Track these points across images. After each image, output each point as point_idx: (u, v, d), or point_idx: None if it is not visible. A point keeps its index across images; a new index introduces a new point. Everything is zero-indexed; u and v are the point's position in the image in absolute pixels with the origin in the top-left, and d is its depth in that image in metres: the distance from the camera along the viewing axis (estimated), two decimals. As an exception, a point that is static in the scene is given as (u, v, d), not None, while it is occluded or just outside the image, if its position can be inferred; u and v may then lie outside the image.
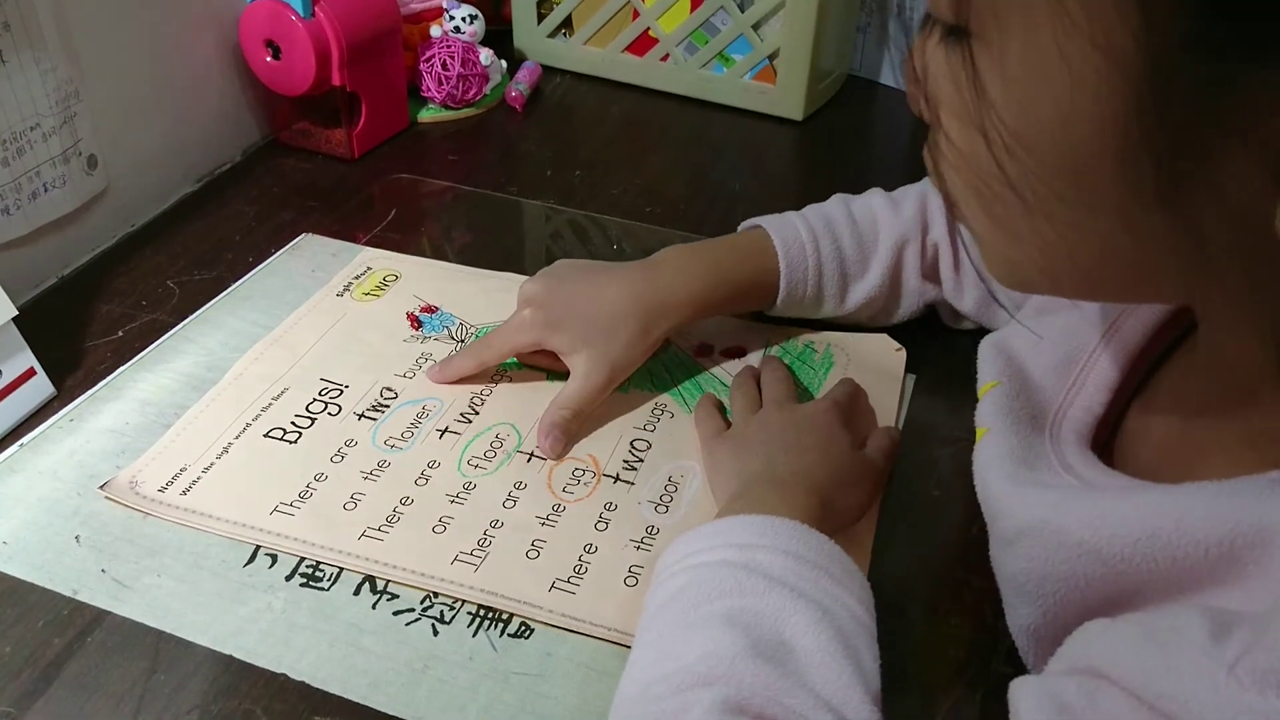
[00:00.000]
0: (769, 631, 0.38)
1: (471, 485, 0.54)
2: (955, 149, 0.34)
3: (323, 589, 0.48)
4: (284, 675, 0.45)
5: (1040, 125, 0.30)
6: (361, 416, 0.58)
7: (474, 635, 0.46)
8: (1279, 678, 0.26)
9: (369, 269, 0.71)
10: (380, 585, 0.49)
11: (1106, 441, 0.43)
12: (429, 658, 0.45)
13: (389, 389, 0.60)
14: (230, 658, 0.45)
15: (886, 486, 0.54)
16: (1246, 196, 0.27)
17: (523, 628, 0.47)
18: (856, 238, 0.61)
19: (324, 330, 0.65)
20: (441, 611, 0.47)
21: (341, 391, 0.60)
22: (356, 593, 0.48)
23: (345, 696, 0.44)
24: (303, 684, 0.44)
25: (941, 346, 0.62)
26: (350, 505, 0.53)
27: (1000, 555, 0.43)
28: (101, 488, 0.53)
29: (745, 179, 0.85)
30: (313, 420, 0.58)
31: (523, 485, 0.54)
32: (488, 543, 0.51)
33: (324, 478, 0.54)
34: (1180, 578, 0.32)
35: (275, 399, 0.59)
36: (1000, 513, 0.42)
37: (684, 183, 0.84)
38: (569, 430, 0.56)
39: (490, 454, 0.56)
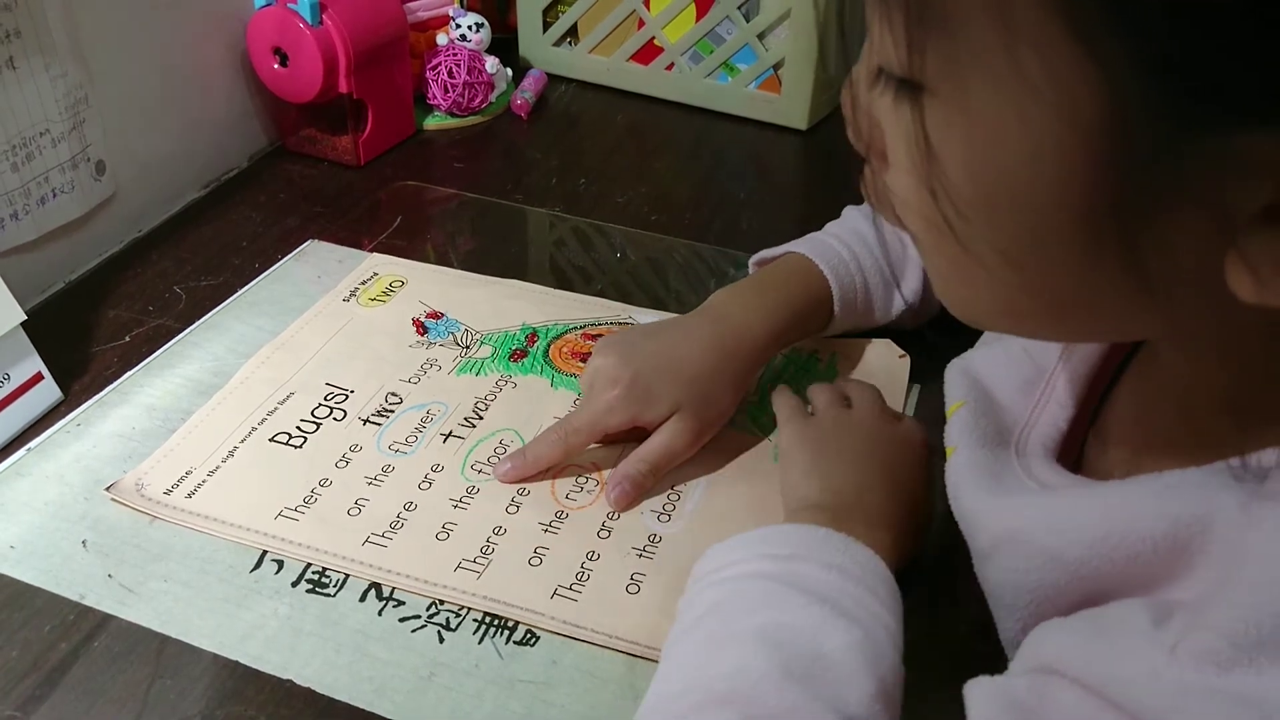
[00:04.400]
0: (804, 648, 0.37)
1: (475, 490, 0.54)
2: (902, 198, 0.33)
3: (329, 595, 0.48)
4: (289, 681, 0.45)
5: (994, 186, 0.30)
6: (366, 422, 0.58)
7: (480, 642, 0.46)
8: (1217, 656, 0.26)
9: (375, 274, 0.71)
10: (386, 592, 0.49)
11: (1078, 459, 0.44)
12: (435, 664, 0.45)
13: (394, 394, 0.60)
14: (235, 663, 0.45)
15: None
16: (1201, 250, 0.27)
17: (529, 635, 0.47)
18: (895, 241, 0.61)
19: (330, 335, 0.65)
20: (447, 618, 0.48)
21: (346, 396, 0.60)
22: (362, 599, 0.48)
23: (351, 703, 0.44)
24: (308, 690, 0.44)
25: (943, 360, 0.62)
26: (354, 511, 0.53)
27: (980, 570, 0.43)
28: (108, 489, 0.53)
29: (750, 188, 0.86)
30: (318, 425, 0.58)
31: (526, 491, 0.54)
32: (490, 550, 0.51)
33: (328, 483, 0.54)
34: (1138, 576, 0.32)
35: (281, 403, 0.59)
36: (974, 527, 0.43)
37: (688, 191, 0.84)
38: (642, 486, 0.53)
39: (494, 459, 0.56)
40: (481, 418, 0.59)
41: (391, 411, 0.59)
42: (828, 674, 0.37)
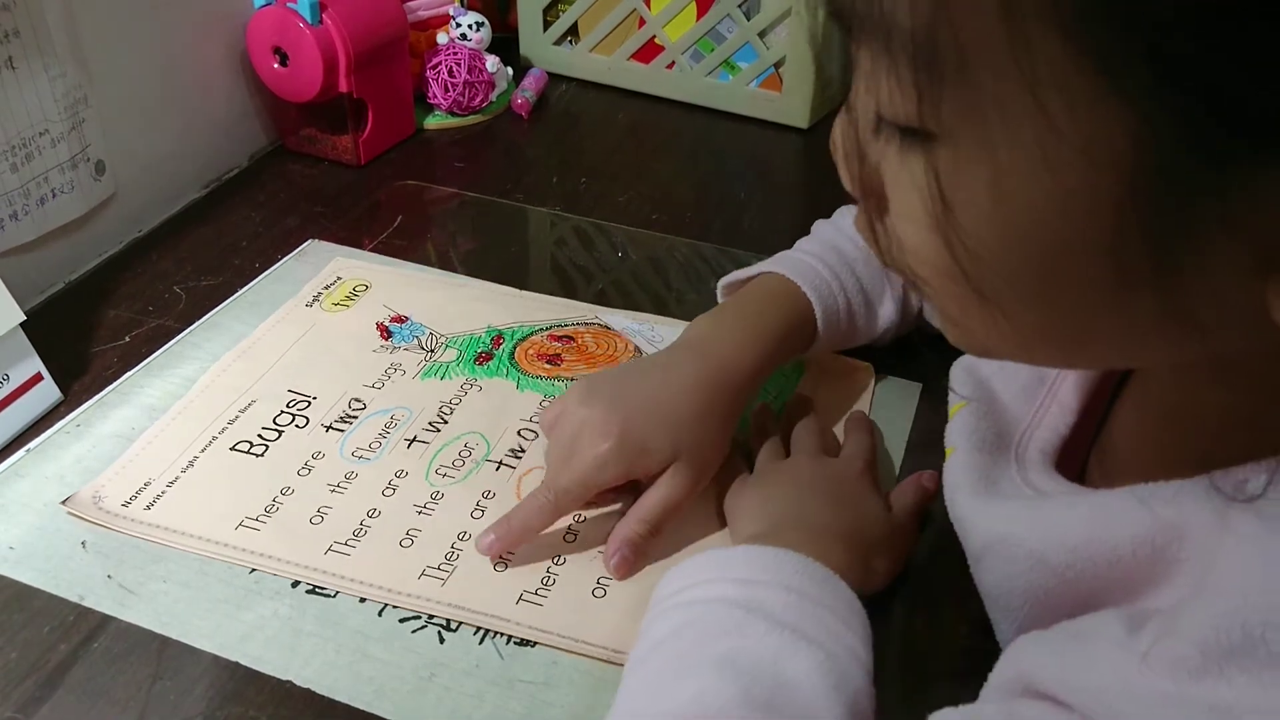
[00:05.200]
0: (766, 675, 0.37)
1: (439, 495, 0.54)
2: (911, 247, 0.32)
3: (329, 596, 0.48)
4: (289, 682, 0.45)
5: (1019, 231, 0.29)
6: (329, 428, 0.58)
7: (480, 643, 0.46)
8: (1189, 664, 0.26)
9: (339, 279, 0.70)
10: (386, 592, 0.49)
11: (1082, 470, 0.44)
12: (435, 665, 0.45)
13: (357, 400, 0.60)
14: (235, 664, 0.45)
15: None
16: (1237, 279, 0.27)
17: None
18: (867, 260, 0.59)
19: (292, 341, 0.64)
20: (448, 619, 0.47)
21: (309, 403, 0.59)
22: (362, 600, 0.48)
23: (351, 704, 0.44)
24: (308, 691, 0.44)
25: (949, 358, 0.62)
26: (317, 519, 0.52)
27: (974, 572, 0.43)
28: (64, 503, 0.52)
29: (751, 186, 0.85)
30: (280, 433, 0.57)
31: (491, 495, 0.54)
32: (455, 556, 0.50)
33: (291, 491, 0.54)
34: (1121, 581, 0.33)
35: (242, 411, 0.59)
36: (967, 530, 0.43)
37: (690, 190, 0.84)
38: (642, 550, 0.49)
39: (459, 463, 0.56)
40: (446, 422, 0.58)
41: (355, 418, 0.59)
42: (792, 700, 0.36)
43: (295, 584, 0.49)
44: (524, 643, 0.46)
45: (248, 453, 0.56)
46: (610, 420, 0.50)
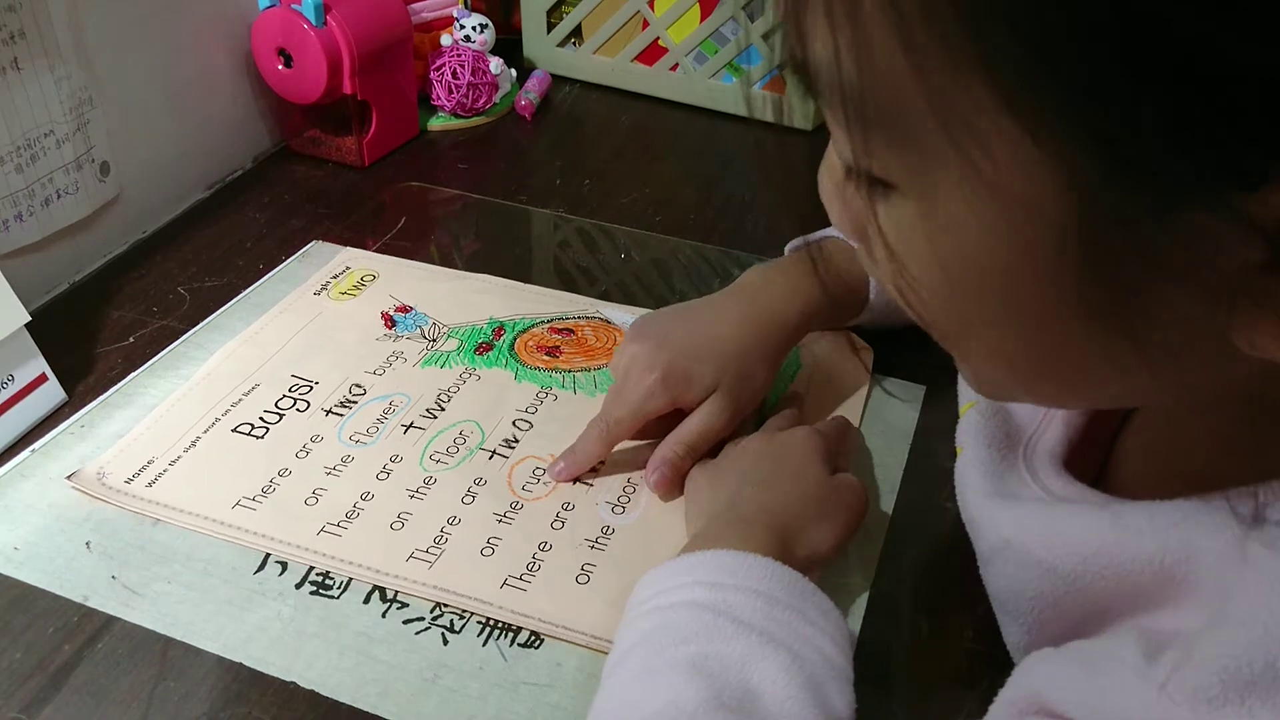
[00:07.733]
0: (735, 679, 0.37)
1: (432, 480, 0.54)
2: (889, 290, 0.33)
3: (332, 597, 0.48)
4: (293, 683, 0.45)
5: (969, 282, 0.29)
6: (329, 412, 0.59)
7: (484, 645, 0.46)
8: (1208, 694, 0.26)
9: (347, 269, 0.71)
10: (390, 594, 0.49)
11: (1100, 469, 0.43)
12: (439, 667, 0.45)
13: (358, 385, 0.61)
14: (239, 665, 0.45)
15: (898, 496, 0.54)
16: (1193, 316, 0.27)
17: (533, 638, 0.47)
18: None
19: (298, 328, 0.65)
20: (451, 620, 0.47)
21: (311, 388, 0.60)
22: (366, 601, 0.48)
23: (355, 705, 0.44)
24: (312, 692, 0.44)
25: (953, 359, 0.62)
26: (312, 500, 0.53)
27: (983, 574, 0.43)
28: (69, 478, 0.53)
29: (754, 189, 0.85)
30: (281, 416, 0.58)
31: (483, 482, 0.54)
32: (443, 540, 0.51)
33: (288, 473, 0.54)
34: (1132, 594, 0.32)
35: (245, 395, 0.60)
36: (977, 531, 0.42)
37: (693, 192, 0.84)
38: (680, 468, 0.53)
39: (453, 450, 0.56)
40: (443, 409, 0.59)
41: (355, 403, 0.59)
42: (758, 703, 0.36)
43: (299, 585, 0.49)
44: (528, 645, 0.46)
45: (248, 434, 0.57)
46: (657, 354, 0.53)
